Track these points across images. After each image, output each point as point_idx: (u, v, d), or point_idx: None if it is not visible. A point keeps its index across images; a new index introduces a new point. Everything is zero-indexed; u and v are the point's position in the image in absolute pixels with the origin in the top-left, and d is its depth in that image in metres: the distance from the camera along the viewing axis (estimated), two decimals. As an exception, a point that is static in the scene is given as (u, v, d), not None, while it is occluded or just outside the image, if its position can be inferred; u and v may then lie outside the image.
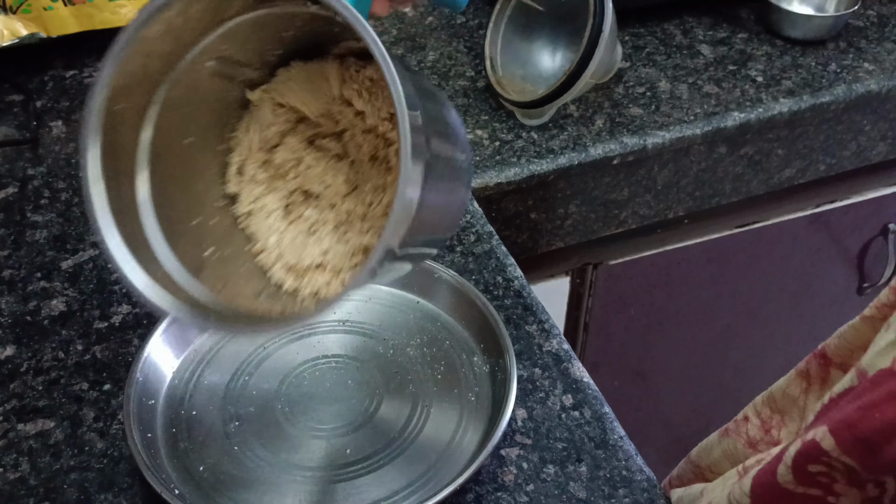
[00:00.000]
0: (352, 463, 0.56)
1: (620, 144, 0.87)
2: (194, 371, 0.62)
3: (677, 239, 1.06)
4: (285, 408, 0.60)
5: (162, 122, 0.45)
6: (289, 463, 0.56)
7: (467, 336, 0.65)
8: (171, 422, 0.59)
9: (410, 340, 0.64)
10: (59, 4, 0.91)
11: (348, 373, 0.62)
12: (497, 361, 0.61)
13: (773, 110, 0.93)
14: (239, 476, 0.55)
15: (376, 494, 0.55)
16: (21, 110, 0.89)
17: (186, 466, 0.56)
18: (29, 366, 0.63)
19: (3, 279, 0.70)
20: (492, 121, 0.90)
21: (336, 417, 0.59)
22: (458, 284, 0.66)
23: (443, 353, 0.64)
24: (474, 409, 0.60)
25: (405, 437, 0.58)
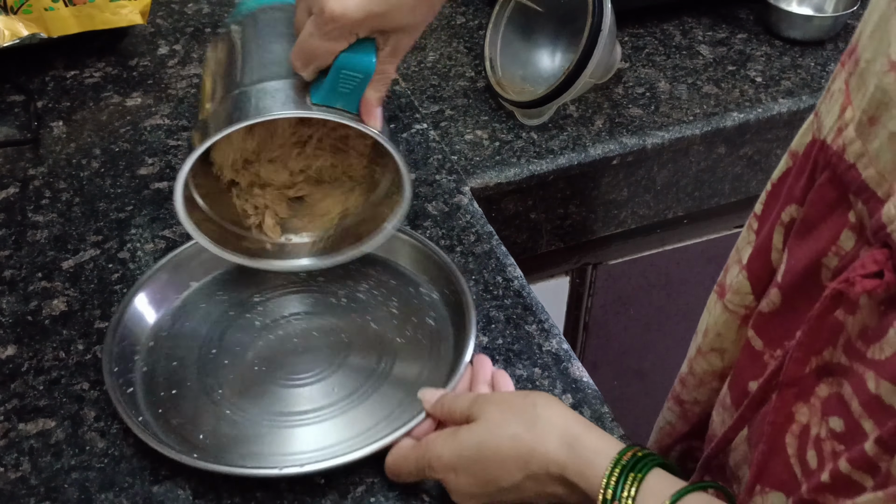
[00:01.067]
0: (340, 399, 0.60)
1: (620, 145, 0.88)
2: (160, 352, 0.64)
3: (677, 239, 1.06)
4: (261, 367, 0.63)
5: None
6: (280, 412, 0.60)
7: (410, 271, 0.70)
8: (157, 405, 0.60)
9: (358, 287, 0.69)
10: (59, 5, 0.91)
11: (311, 325, 0.66)
12: (445, 286, 0.67)
13: (773, 110, 0.93)
14: (239, 434, 0.58)
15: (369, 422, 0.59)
16: (22, 110, 0.89)
17: (186, 437, 0.58)
18: (30, 365, 0.63)
19: (4, 279, 0.70)
20: (492, 121, 0.90)
21: (311, 365, 0.63)
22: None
23: (391, 290, 0.69)
24: (438, 332, 0.65)
25: (380, 369, 0.62)
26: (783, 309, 0.51)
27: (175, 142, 0.85)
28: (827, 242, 0.46)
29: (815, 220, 0.47)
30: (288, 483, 0.56)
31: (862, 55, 0.44)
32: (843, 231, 0.45)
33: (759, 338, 0.53)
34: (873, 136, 0.42)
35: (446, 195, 0.79)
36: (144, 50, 0.99)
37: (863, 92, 0.43)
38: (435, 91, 0.94)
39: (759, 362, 0.53)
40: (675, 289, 1.13)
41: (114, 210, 0.77)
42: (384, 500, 0.55)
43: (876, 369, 0.41)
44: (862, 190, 0.43)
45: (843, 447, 0.44)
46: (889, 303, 0.41)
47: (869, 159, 0.42)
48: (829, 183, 0.46)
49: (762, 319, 0.53)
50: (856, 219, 0.44)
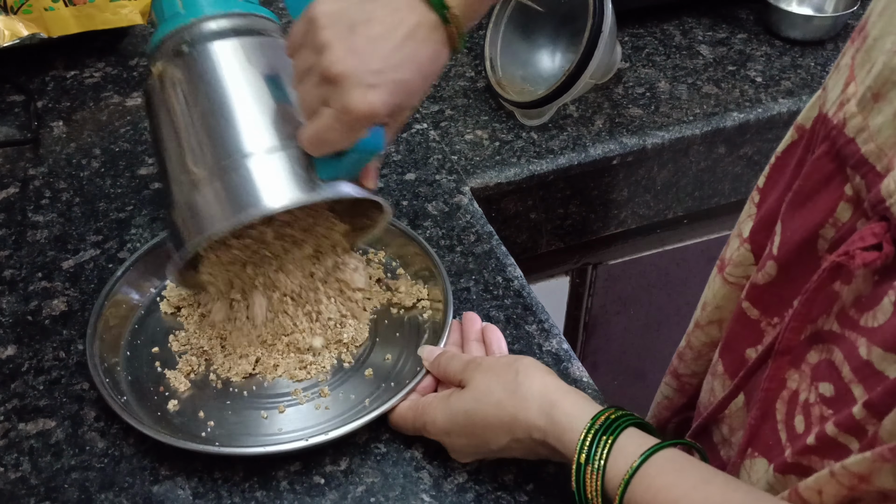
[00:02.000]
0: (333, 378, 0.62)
1: (620, 145, 0.88)
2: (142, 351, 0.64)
3: (676, 239, 1.06)
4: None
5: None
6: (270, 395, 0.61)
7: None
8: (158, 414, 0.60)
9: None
10: (59, 5, 0.91)
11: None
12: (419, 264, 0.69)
13: (773, 110, 0.93)
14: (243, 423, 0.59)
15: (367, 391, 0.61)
16: (22, 110, 0.89)
17: (195, 432, 0.58)
18: (30, 365, 0.63)
19: (4, 279, 0.70)
20: (492, 121, 0.90)
21: None
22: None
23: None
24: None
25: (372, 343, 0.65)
26: (779, 279, 0.52)
27: (175, 142, 0.85)
28: (824, 214, 0.47)
29: (810, 191, 0.48)
30: (288, 483, 0.56)
31: (870, 32, 0.44)
32: (840, 203, 0.46)
33: (754, 307, 0.54)
34: (877, 111, 0.42)
35: (446, 195, 0.79)
36: (144, 50, 0.99)
37: (867, 68, 0.44)
38: (435, 91, 0.94)
39: (756, 330, 0.54)
40: (675, 289, 1.13)
41: (114, 210, 0.77)
42: (384, 500, 0.55)
43: (868, 336, 0.42)
44: (861, 164, 0.43)
45: (831, 411, 0.45)
46: (884, 273, 0.42)
47: (869, 134, 0.43)
48: (826, 155, 0.47)
49: (757, 290, 0.54)
50: (853, 192, 0.45)
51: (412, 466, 0.57)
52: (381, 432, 0.59)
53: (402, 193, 0.79)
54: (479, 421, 0.52)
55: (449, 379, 0.57)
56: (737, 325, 0.57)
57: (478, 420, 0.52)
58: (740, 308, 0.56)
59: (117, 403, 0.57)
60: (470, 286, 0.70)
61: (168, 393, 0.61)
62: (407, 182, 0.80)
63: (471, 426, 0.52)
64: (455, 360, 0.57)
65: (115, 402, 0.57)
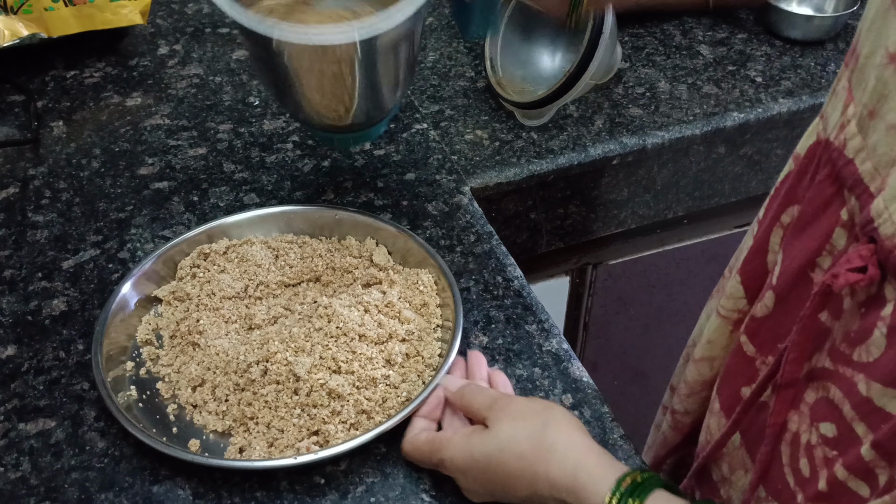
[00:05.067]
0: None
1: (620, 145, 0.88)
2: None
3: (677, 239, 1.06)
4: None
5: None
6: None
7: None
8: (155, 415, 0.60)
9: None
10: (59, 5, 0.91)
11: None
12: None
13: (773, 110, 0.93)
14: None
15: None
16: (22, 110, 0.89)
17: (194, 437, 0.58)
18: (30, 365, 0.63)
19: (4, 279, 0.70)
20: (492, 121, 0.90)
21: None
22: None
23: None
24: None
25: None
26: (776, 312, 0.50)
27: (175, 142, 0.85)
28: (821, 241, 0.46)
29: (810, 217, 0.47)
30: (288, 483, 0.56)
31: (861, 51, 0.44)
32: (836, 229, 0.45)
33: (751, 343, 0.53)
34: (872, 129, 0.42)
35: (446, 195, 0.79)
36: (144, 50, 0.99)
37: (863, 87, 0.43)
38: (435, 91, 0.94)
39: (751, 368, 0.53)
40: (675, 289, 1.13)
41: (114, 210, 0.77)
42: (384, 500, 0.55)
43: (866, 372, 0.41)
44: (856, 185, 0.43)
45: (835, 453, 0.44)
46: (869, 303, 0.41)
47: (867, 153, 0.42)
48: (827, 179, 0.46)
49: (755, 324, 0.52)
50: (848, 216, 0.44)
51: (412, 466, 0.57)
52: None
53: (402, 193, 0.79)
54: (500, 469, 0.50)
55: (472, 413, 0.55)
56: (733, 361, 0.56)
57: (499, 468, 0.50)
58: (738, 343, 0.55)
59: (115, 405, 0.57)
60: (470, 286, 0.70)
61: (168, 396, 0.61)
62: (407, 182, 0.80)
63: (490, 472, 0.51)
64: (481, 395, 0.55)
65: (113, 404, 0.57)
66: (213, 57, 0.98)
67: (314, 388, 0.58)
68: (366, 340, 0.61)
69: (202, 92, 0.92)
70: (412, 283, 0.67)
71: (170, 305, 0.66)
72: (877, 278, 0.40)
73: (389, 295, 0.65)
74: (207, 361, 0.62)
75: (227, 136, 0.86)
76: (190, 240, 0.69)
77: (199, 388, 0.61)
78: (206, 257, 0.69)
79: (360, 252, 0.69)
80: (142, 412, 0.59)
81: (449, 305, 0.64)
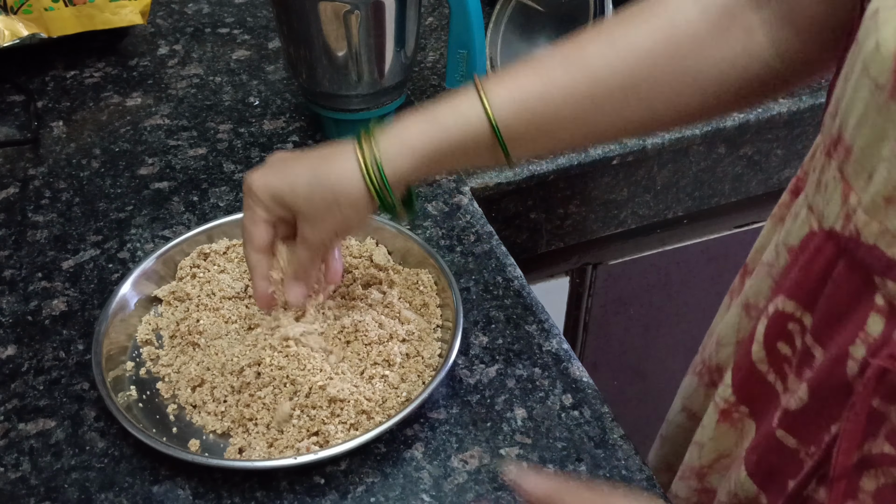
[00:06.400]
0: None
1: (620, 144, 0.88)
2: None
3: (676, 239, 1.06)
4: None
5: None
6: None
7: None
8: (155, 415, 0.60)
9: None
10: (59, 5, 0.91)
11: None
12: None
13: (773, 110, 0.93)
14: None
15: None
16: (22, 110, 0.89)
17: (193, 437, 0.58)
18: (30, 365, 0.63)
19: (4, 279, 0.70)
20: (492, 121, 0.90)
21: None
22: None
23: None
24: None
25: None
26: (813, 405, 0.48)
27: (175, 142, 0.85)
28: (853, 331, 0.44)
29: (839, 311, 0.45)
30: (288, 483, 0.56)
31: (854, 143, 0.42)
32: (870, 316, 0.43)
33: (791, 436, 0.51)
34: (893, 214, 0.40)
35: (446, 195, 0.79)
36: (144, 50, 0.99)
37: (864, 178, 0.41)
38: (435, 91, 0.94)
39: (796, 461, 0.51)
40: (675, 289, 1.13)
41: (114, 210, 0.77)
42: (384, 500, 0.55)
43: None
44: (890, 268, 0.41)
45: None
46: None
47: (893, 236, 0.41)
48: (848, 270, 0.44)
49: (790, 417, 0.50)
50: (884, 300, 0.42)
51: (412, 466, 0.57)
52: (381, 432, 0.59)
53: (402, 193, 0.79)
54: None
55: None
56: (772, 457, 0.53)
57: None
58: (774, 438, 0.52)
59: (114, 405, 0.57)
60: (470, 286, 0.70)
61: (168, 397, 0.61)
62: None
63: None
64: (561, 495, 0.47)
65: (113, 404, 0.57)
66: (213, 57, 0.98)
67: (313, 391, 0.58)
68: (365, 339, 0.61)
69: (202, 92, 0.92)
70: (412, 284, 0.67)
71: (170, 305, 0.66)
72: None
73: (389, 295, 0.65)
74: (207, 362, 0.61)
75: (227, 136, 0.86)
76: (190, 240, 0.69)
77: (198, 389, 0.61)
78: (206, 257, 0.69)
79: (360, 252, 0.69)
80: (142, 412, 0.59)
81: (449, 305, 0.64)
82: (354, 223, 0.57)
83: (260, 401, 0.59)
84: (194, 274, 0.68)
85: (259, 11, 1.08)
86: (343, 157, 0.54)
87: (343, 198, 0.54)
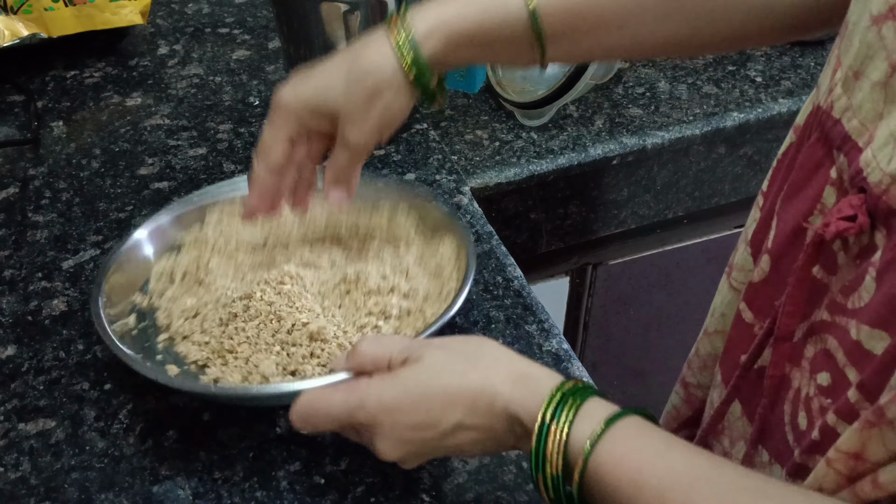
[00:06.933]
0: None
1: (620, 145, 0.88)
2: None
3: (677, 239, 1.06)
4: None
5: None
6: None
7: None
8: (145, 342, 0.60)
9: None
10: (59, 5, 0.91)
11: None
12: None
13: (773, 110, 0.93)
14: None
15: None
16: (22, 110, 0.89)
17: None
18: (30, 365, 0.63)
19: (4, 279, 0.70)
20: (492, 121, 0.90)
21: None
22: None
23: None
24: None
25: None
26: (772, 276, 0.51)
27: (175, 142, 0.85)
28: (812, 201, 0.47)
29: (801, 181, 0.48)
30: (288, 483, 0.56)
31: (850, 19, 0.45)
32: (826, 188, 0.45)
33: (749, 309, 0.54)
34: (857, 88, 0.43)
35: (446, 195, 0.79)
36: (144, 50, 0.99)
37: (850, 52, 0.44)
38: (435, 91, 0.94)
39: (750, 334, 0.54)
40: (675, 289, 1.13)
41: (114, 210, 0.77)
42: (384, 499, 0.55)
43: (857, 317, 0.42)
44: (844, 142, 0.43)
45: (829, 401, 0.44)
46: (862, 255, 0.42)
47: (853, 112, 0.43)
48: (817, 142, 0.47)
49: (753, 289, 0.53)
50: (837, 174, 0.45)
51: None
52: (381, 432, 0.59)
53: (402, 193, 0.79)
54: (438, 393, 0.46)
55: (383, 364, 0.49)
56: (734, 331, 0.56)
57: (436, 392, 0.46)
58: (738, 311, 0.55)
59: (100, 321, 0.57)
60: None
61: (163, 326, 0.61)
62: (407, 182, 0.80)
63: (426, 400, 0.46)
64: (392, 342, 0.50)
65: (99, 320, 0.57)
66: (213, 57, 0.98)
67: (296, 327, 0.56)
68: (364, 288, 0.59)
69: (202, 92, 0.92)
70: (431, 249, 0.65)
71: (189, 250, 0.66)
72: (866, 226, 0.41)
73: (404, 255, 0.63)
74: (206, 297, 0.61)
75: (227, 136, 0.86)
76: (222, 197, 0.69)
77: (191, 320, 0.60)
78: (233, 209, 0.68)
79: (388, 217, 0.67)
80: (132, 339, 0.59)
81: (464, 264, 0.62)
82: (397, 113, 0.55)
83: (243, 333, 0.57)
84: (220, 220, 0.67)
85: (259, 11, 1.08)
86: (376, 44, 0.53)
87: (382, 83, 0.53)
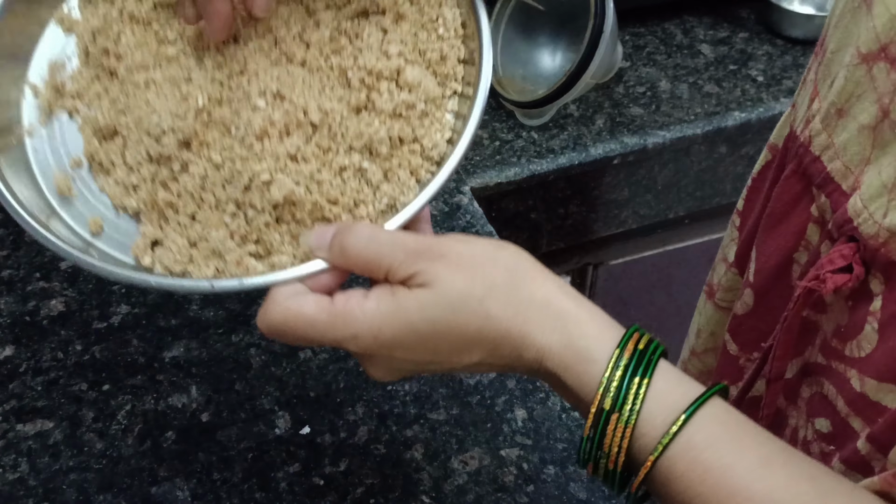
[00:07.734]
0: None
1: (621, 144, 0.87)
2: None
3: (677, 239, 1.06)
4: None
5: None
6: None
7: None
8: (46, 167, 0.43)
9: None
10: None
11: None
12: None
13: (774, 110, 0.93)
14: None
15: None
16: (20, 110, 0.89)
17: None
18: (28, 366, 0.63)
19: (3, 279, 0.70)
20: (492, 121, 0.90)
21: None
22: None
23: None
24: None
25: None
26: (756, 309, 0.51)
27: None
28: (796, 237, 0.46)
29: (781, 214, 0.47)
30: (287, 484, 0.56)
31: (829, 45, 0.44)
32: (809, 225, 0.45)
33: (733, 342, 0.53)
34: (841, 128, 0.42)
35: (446, 195, 0.78)
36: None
37: (828, 83, 0.43)
38: (435, 90, 0.94)
39: (736, 367, 0.53)
40: (676, 289, 1.13)
41: (113, 210, 0.77)
42: (384, 500, 0.55)
43: (859, 367, 0.41)
44: (826, 183, 0.43)
45: (832, 448, 0.44)
46: (857, 298, 0.42)
47: (835, 152, 0.42)
48: (794, 175, 0.46)
49: (736, 322, 0.53)
50: (818, 213, 0.44)
51: (412, 468, 0.57)
52: (380, 433, 0.59)
53: (402, 193, 0.78)
54: (452, 334, 0.36)
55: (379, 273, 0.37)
56: (721, 362, 0.55)
57: (450, 333, 0.36)
58: (723, 341, 0.54)
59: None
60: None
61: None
62: None
63: (434, 339, 0.36)
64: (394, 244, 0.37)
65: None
66: (212, 56, 0.98)
67: (253, 183, 0.40)
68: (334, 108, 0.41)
69: (201, 91, 0.92)
70: (429, 21, 0.44)
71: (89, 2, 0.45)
72: (862, 276, 0.40)
73: (391, 36, 0.43)
74: (123, 102, 0.42)
75: None
76: None
77: (107, 142, 0.43)
78: None
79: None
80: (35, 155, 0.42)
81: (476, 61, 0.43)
82: None
83: (184, 182, 0.41)
84: None
85: (259, 10, 1.07)
86: None
87: None
